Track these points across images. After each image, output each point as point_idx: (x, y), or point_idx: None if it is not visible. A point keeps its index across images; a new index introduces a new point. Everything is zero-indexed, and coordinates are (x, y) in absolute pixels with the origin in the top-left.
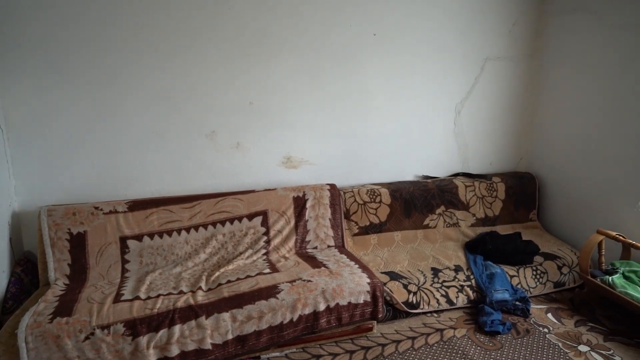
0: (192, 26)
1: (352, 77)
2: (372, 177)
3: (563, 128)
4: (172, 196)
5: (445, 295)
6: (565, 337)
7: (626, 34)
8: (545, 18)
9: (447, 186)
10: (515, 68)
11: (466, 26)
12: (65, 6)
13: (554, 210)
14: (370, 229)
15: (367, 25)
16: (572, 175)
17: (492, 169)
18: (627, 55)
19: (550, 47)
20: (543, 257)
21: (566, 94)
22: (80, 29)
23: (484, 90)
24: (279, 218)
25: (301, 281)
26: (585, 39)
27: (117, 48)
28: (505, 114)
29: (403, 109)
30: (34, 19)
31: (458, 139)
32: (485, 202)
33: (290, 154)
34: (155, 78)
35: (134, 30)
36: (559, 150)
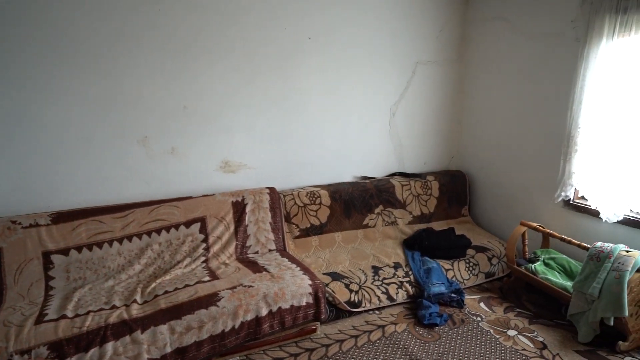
0: (120, 28)
1: (288, 80)
2: (311, 179)
3: (487, 128)
4: (102, 206)
5: (386, 292)
6: (496, 324)
7: (536, 42)
8: (469, 25)
9: (385, 186)
10: (443, 72)
11: (397, 31)
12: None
13: (483, 205)
14: (311, 230)
15: (301, 29)
16: (497, 172)
17: (426, 168)
18: (537, 61)
19: (473, 52)
20: (475, 250)
21: (489, 96)
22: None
23: (416, 92)
24: (217, 224)
25: (242, 287)
26: (502, 45)
27: (37, 48)
28: (436, 115)
29: (340, 111)
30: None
31: (394, 139)
32: (421, 200)
33: (228, 158)
34: (80, 81)
35: (57, 29)
36: (485, 149)
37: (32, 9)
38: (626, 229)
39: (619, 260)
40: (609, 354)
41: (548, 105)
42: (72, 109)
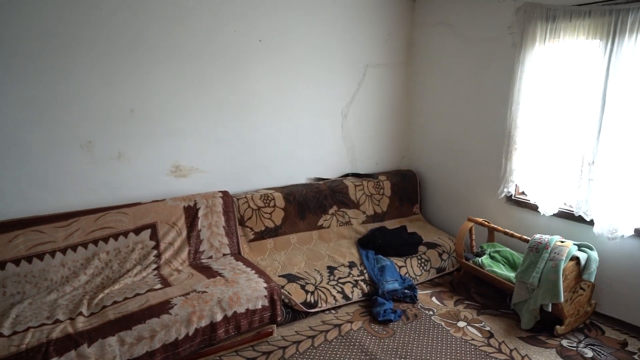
0: (54, 27)
1: (240, 83)
2: (265, 181)
3: (435, 128)
4: (43, 215)
5: (342, 291)
6: (447, 317)
7: (477, 47)
8: (415, 29)
9: (338, 187)
10: (392, 74)
11: (347, 35)
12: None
13: (433, 203)
14: (266, 233)
15: (251, 31)
16: (445, 171)
17: (378, 168)
18: (479, 65)
19: (420, 55)
20: (426, 247)
21: (435, 98)
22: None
23: (366, 94)
24: (169, 230)
25: (196, 293)
26: (447, 49)
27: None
28: (386, 117)
29: (293, 113)
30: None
31: (346, 141)
32: (374, 199)
33: (179, 162)
34: (14, 84)
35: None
36: (433, 148)
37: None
38: (561, 221)
39: (555, 251)
40: (548, 338)
41: (490, 106)
42: (7, 116)
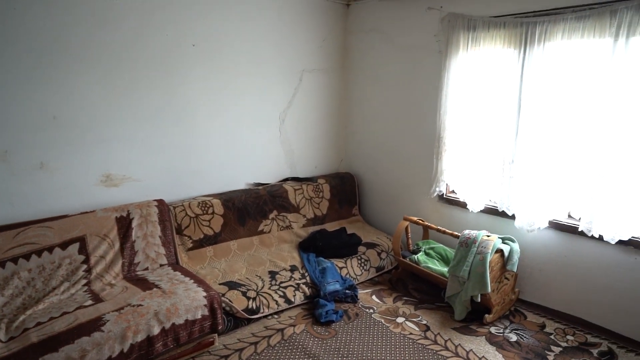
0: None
1: (174, 88)
2: (203, 188)
3: (371, 132)
4: None
5: (284, 295)
6: (386, 313)
7: (407, 53)
8: (349, 35)
9: (278, 191)
10: (328, 79)
11: (283, 40)
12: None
13: (371, 204)
14: (205, 241)
15: (184, 35)
16: (382, 172)
17: (318, 172)
18: (409, 70)
19: (354, 60)
20: (365, 247)
21: (370, 102)
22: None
23: (303, 99)
24: (100, 242)
25: (130, 307)
26: (379, 54)
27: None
28: (324, 121)
29: (230, 118)
30: None
31: (284, 145)
32: (314, 202)
33: (109, 171)
34: None
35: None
36: (370, 151)
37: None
38: (487, 217)
39: (482, 245)
40: (479, 327)
41: (421, 109)
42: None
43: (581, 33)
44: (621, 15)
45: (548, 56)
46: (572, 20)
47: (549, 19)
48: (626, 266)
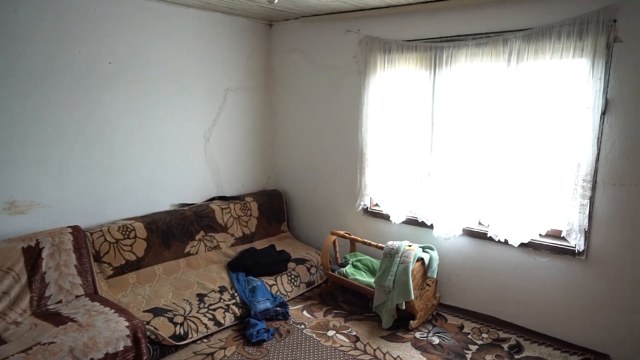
0: None
1: (90, 108)
2: (124, 211)
3: (297, 148)
4: None
5: (213, 318)
6: (317, 328)
7: (329, 72)
8: (272, 55)
9: (204, 211)
10: (253, 97)
11: (206, 59)
12: None
13: (300, 220)
14: (126, 267)
15: (99, 52)
16: (309, 188)
17: (245, 190)
18: (332, 88)
19: (278, 79)
20: (295, 263)
21: (296, 119)
22: None
23: (228, 117)
24: (3, 277)
25: (40, 346)
26: (302, 73)
27: None
28: (250, 139)
29: (152, 138)
30: None
31: (210, 164)
32: (242, 221)
33: (14, 197)
34: None
35: None
36: (297, 167)
37: None
38: (409, 227)
39: (404, 254)
40: (405, 333)
41: (344, 126)
42: None
43: (480, 57)
44: (511, 43)
45: (455, 77)
46: (472, 46)
47: (453, 44)
48: (527, 266)
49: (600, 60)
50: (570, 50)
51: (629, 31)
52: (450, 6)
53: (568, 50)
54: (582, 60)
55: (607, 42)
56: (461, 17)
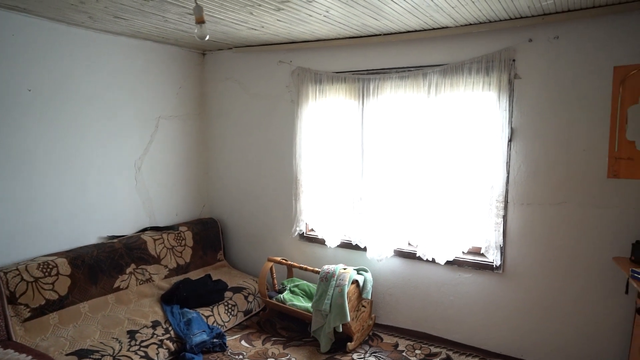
0: None
1: (6, 138)
2: (46, 247)
3: (233, 176)
4: None
5: (145, 355)
6: (256, 357)
7: (264, 101)
8: (206, 83)
9: (135, 243)
10: (186, 125)
11: (137, 87)
12: None
13: (236, 248)
14: (47, 307)
15: (17, 79)
16: (245, 215)
17: (179, 219)
18: (267, 117)
19: (213, 107)
20: (232, 292)
21: (231, 147)
22: None
23: (161, 146)
24: None
25: None
26: (237, 102)
27: None
28: (184, 167)
29: (78, 168)
30: None
31: (141, 194)
32: (176, 251)
33: None
34: None
35: None
36: (233, 195)
37: None
38: (344, 251)
39: (339, 278)
40: (343, 356)
41: (279, 153)
42: None
43: (404, 88)
44: (430, 77)
45: (381, 106)
46: (396, 78)
47: (379, 76)
48: (453, 282)
49: (505, 93)
50: (480, 84)
51: (526, 69)
52: (375, 42)
53: (478, 84)
54: (490, 93)
55: (509, 78)
56: (385, 52)
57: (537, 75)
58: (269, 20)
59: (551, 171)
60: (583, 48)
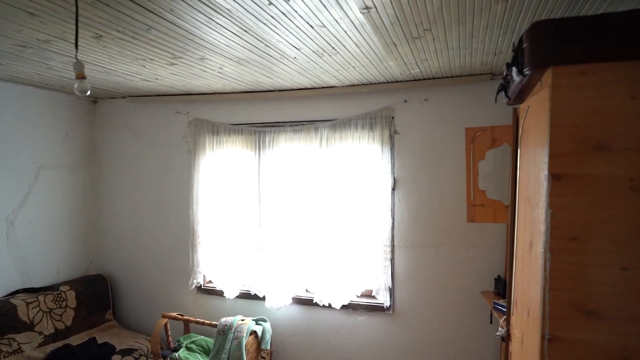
0: None
1: None
2: None
3: (126, 228)
4: None
5: None
6: None
7: (160, 151)
8: (97, 131)
9: (3, 309)
10: (73, 176)
11: (13, 134)
12: None
13: (128, 305)
14: None
15: None
16: (139, 270)
17: (61, 278)
18: (163, 167)
19: (105, 157)
20: (121, 355)
21: (125, 198)
22: None
23: (41, 198)
24: None
25: None
26: (132, 151)
27: None
28: (69, 220)
29: None
30: None
31: (13, 252)
32: (54, 315)
33: None
34: None
35: None
36: (125, 248)
37: None
38: (243, 301)
39: (237, 329)
40: None
41: (176, 204)
42: None
43: (298, 141)
44: (321, 130)
45: (277, 157)
46: (290, 131)
47: (275, 129)
48: (350, 325)
49: (387, 146)
50: (365, 138)
51: (403, 126)
52: (270, 97)
53: (364, 138)
54: (375, 145)
55: (390, 133)
56: (280, 107)
57: (413, 132)
58: (163, 74)
59: (429, 216)
60: (446, 110)
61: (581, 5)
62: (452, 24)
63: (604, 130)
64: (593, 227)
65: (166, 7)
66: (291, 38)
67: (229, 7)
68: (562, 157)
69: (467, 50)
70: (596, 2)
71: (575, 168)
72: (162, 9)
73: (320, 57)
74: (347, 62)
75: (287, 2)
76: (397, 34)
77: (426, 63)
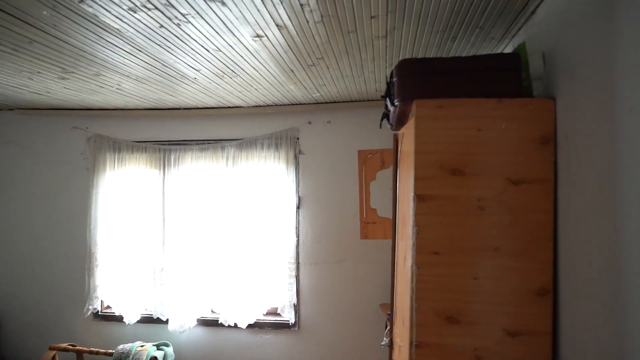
0: None
1: None
2: None
3: (10, 255)
4: None
5: None
6: None
7: (53, 169)
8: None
9: None
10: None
11: None
12: None
13: (14, 339)
14: None
15: None
16: (25, 299)
17: None
18: (56, 186)
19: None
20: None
21: (8, 222)
22: None
23: None
24: None
25: None
26: (19, 170)
27: None
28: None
29: None
30: None
31: None
32: None
33: None
34: None
35: None
36: (8, 277)
37: None
38: (144, 326)
39: (136, 356)
40: None
41: (71, 226)
42: None
43: (204, 159)
44: (228, 149)
45: (183, 176)
46: (196, 150)
47: (180, 147)
48: (256, 344)
49: (292, 166)
50: (271, 157)
51: (308, 146)
52: (175, 114)
53: (270, 157)
54: (280, 165)
55: (295, 153)
56: (186, 125)
57: (316, 152)
58: (54, 87)
59: (332, 233)
60: (346, 132)
61: (449, 45)
62: (341, 55)
63: (457, 157)
64: (450, 242)
65: (48, 22)
66: (188, 60)
67: (117, 27)
68: (425, 180)
69: (360, 78)
70: (461, 43)
71: (435, 190)
72: (43, 23)
73: (221, 78)
74: (248, 84)
75: (179, 26)
76: (292, 61)
77: (325, 88)
